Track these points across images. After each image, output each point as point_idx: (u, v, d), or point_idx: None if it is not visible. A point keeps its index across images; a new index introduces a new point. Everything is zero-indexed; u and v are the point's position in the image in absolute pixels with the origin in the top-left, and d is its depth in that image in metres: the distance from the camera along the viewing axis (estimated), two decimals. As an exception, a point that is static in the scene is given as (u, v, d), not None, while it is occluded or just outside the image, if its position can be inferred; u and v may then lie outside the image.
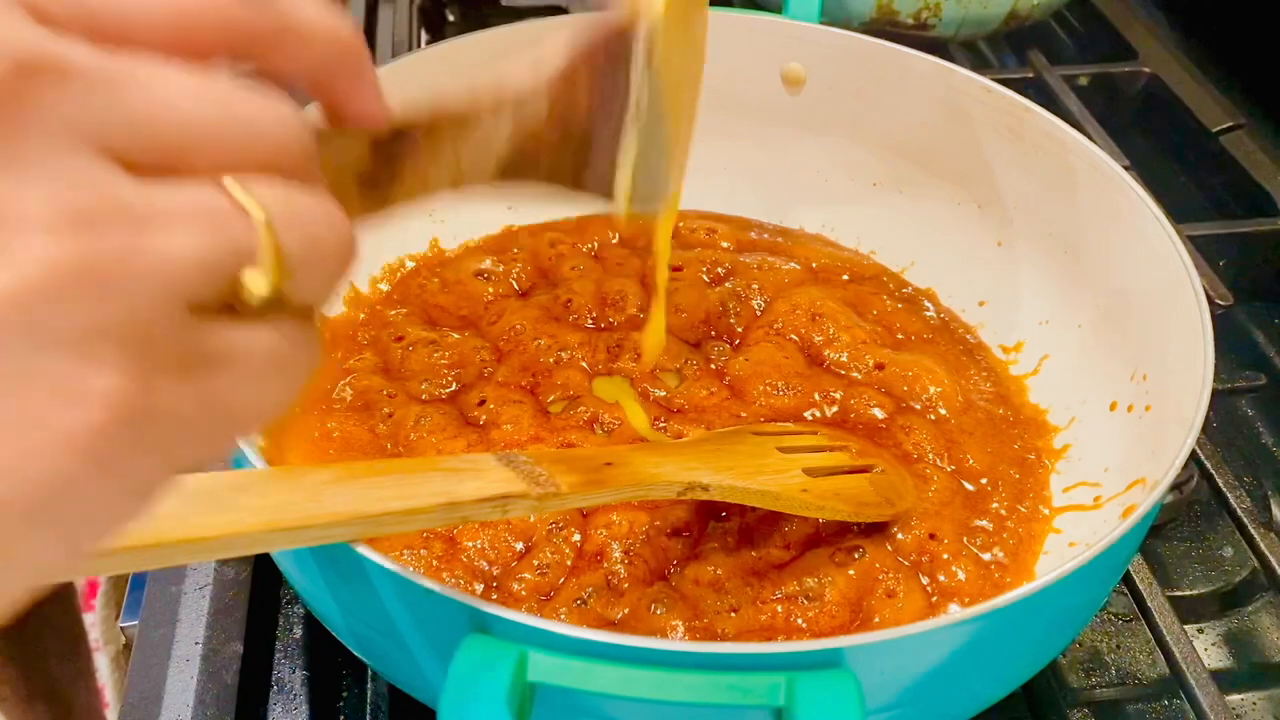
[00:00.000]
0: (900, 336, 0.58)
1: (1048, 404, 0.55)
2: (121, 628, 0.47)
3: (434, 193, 0.30)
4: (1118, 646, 0.51)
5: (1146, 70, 0.82)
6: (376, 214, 0.29)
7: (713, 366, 0.56)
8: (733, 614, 0.44)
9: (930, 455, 0.51)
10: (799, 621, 0.44)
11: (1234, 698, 0.49)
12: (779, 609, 0.44)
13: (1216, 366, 0.43)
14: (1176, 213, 0.63)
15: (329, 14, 0.25)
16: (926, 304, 0.61)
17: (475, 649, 0.30)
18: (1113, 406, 0.51)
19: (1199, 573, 0.54)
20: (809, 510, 0.45)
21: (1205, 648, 0.52)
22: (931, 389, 0.54)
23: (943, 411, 0.54)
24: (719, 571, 0.45)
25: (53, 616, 1.07)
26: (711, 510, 0.48)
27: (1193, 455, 0.55)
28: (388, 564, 0.33)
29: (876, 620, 0.44)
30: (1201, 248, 0.65)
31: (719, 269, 0.61)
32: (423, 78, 0.58)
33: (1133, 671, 0.50)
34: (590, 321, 0.58)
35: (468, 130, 0.30)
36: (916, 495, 0.49)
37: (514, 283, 0.60)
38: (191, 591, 0.47)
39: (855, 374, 0.55)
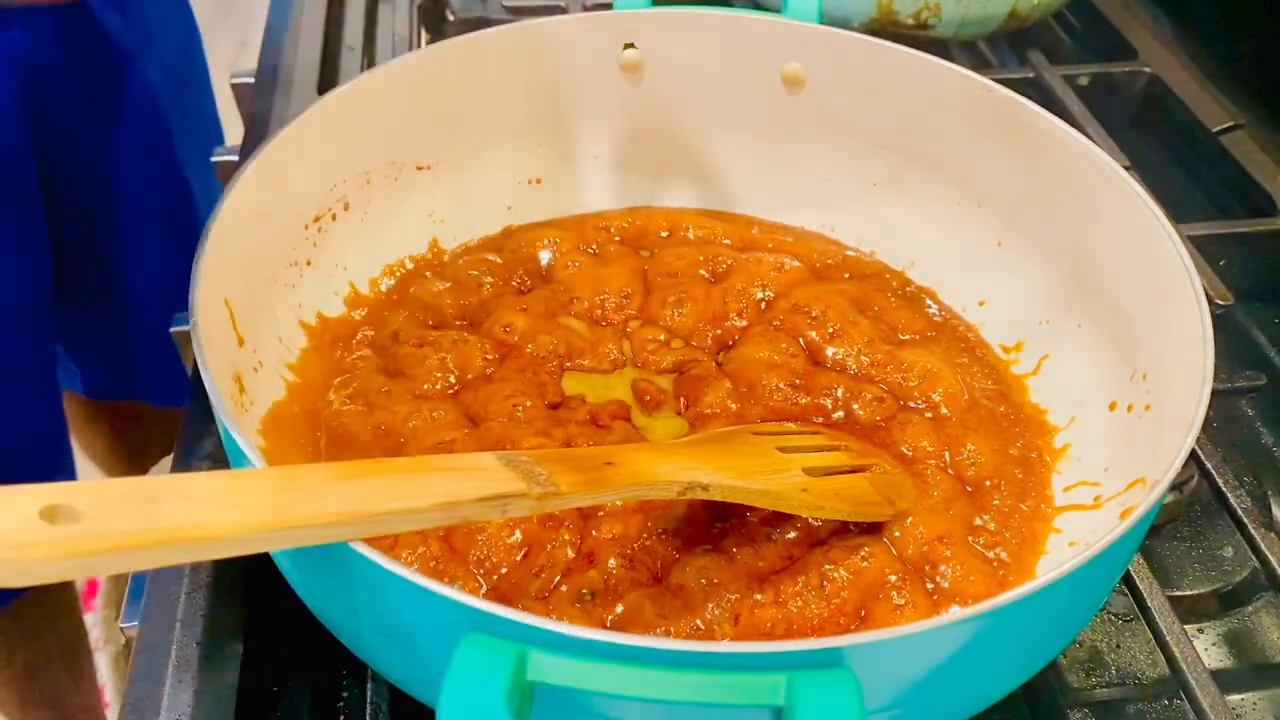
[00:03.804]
0: (903, 336, 0.58)
1: (1048, 404, 0.55)
2: (121, 628, 0.47)
3: None
4: (1118, 646, 0.51)
5: (1146, 70, 0.82)
6: None
7: (713, 364, 0.56)
8: (733, 619, 0.44)
9: (932, 455, 0.51)
10: (799, 624, 0.44)
11: (1234, 698, 0.49)
12: (778, 611, 0.44)
13: (1216, 366, 0.43)
14: (1176, 213, 0.63)
15: None
16: (928, 302, 0.61)
17: (475, 649, 0.30)
18: (1113, 406, 0.51)
19: (1199, 573, 0.54)
20: (809, 510, 0.45)
21: (1205, 648, 0.52)
22: (934, 387, 0.54)
23: (945, 411, 0.54)
24: (718, 573, 0.45)
25: (53, 621, 1.06)
26: (711, 511, 0.48)
27: (1193, 455, 0.55)
28: (388, 564, 0.33)
29: (878, 621, 0.44)
30: (1201, 248, 0.65)
31: (721, 266, 0.61)
32: (423, 78, 0.58)
33: (1133, 671, 0.50)
34: (591, 320, 0.58)
35: None
36: (917, 495, 0.49)
37: (514, 282, 0.60)
38: (191, 591, 0.47)
39: (857, 372, 0.55)
